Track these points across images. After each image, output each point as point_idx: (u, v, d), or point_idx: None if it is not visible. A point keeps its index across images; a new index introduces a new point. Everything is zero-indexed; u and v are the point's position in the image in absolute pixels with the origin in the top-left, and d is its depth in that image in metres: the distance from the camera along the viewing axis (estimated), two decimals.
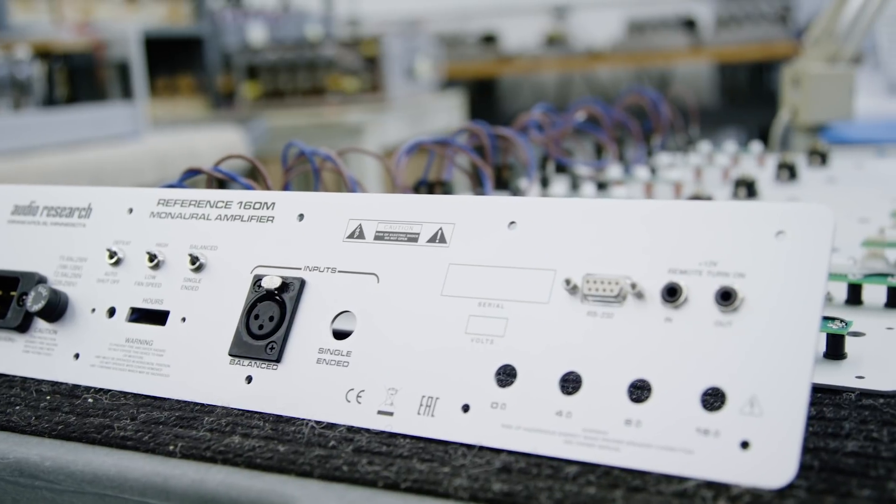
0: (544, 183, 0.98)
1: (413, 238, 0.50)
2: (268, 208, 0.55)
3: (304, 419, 0.49)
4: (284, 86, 3.09)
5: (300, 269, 0.52)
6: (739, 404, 0.40)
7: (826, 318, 0.53)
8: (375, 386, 0.48)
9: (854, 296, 0.63)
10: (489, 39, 4.69)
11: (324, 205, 0.53)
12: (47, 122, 1.92)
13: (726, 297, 0.42)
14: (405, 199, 0.51)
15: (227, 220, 0.56)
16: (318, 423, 0.48)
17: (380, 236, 0.51)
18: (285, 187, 0.80)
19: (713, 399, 0.41)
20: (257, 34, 3.37)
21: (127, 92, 2.14)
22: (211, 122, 2.74)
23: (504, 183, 0.97)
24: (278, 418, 0.49)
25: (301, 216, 0.54)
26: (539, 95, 4.85)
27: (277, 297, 0.52)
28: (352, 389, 0.48)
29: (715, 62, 4.50)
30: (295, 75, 3.08)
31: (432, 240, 0.49)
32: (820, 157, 1.14)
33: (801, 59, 1.39)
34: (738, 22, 4.23)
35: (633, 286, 0.44)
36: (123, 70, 2.14)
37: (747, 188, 0.90)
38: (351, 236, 0.52)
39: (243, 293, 0.53)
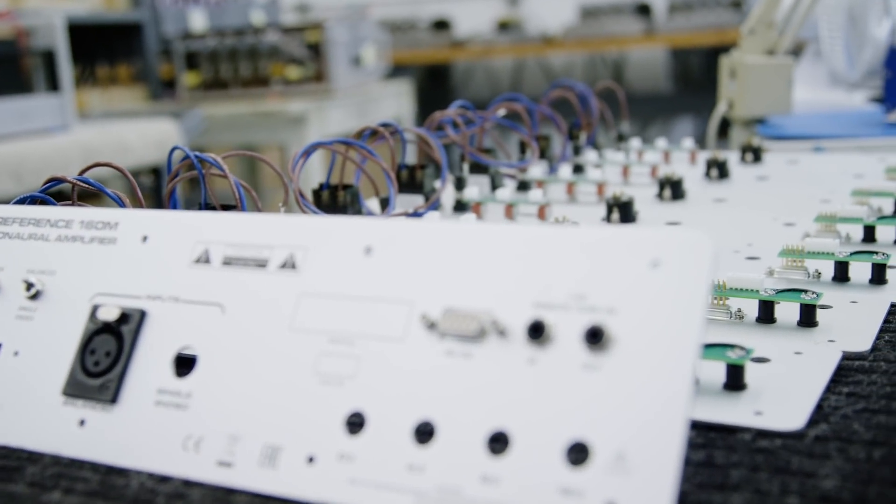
0: (459, 184, 0.93)
1: (262, 264, 0.45)
2: (110, 228, 0.49)
3: (137, 470, 0.43)
4: (226, 74, 3.01)
5: (141, 298, 0.47)
6: (606, 460, 0.35)
7: (725, 346, 0.48)
8: (215, 433, 0.42)
9: (766, 314, 0.58)
10: (441, 25, 4.63)
11: (169, 225, 0.48)
12: None
13: (595, 337, 0.37)
14: (256, 219, 0.46)
15: (68, 241, 0.50)
16: (151, 475, 0.43)
17: (228, 261, 0.46)
18: (171, 197, 0.75)
19: (578, 453, 0.36)
20: (198, 20, 3.29)
21: (54, 83, 2.06)
22: (146, 113, 2.66)
23: (419, 185, 0.91)
24: (110, 469, 0.44)
25: (145, 238, 0.48)
26: (493, 82, 4.80)
27: (115, 330, 0.46)
28: (190, 436, 0.43)
29: (668, 48, 4.48)
30: (236, 63, 3.00)
31: (283, 266, 0.44)
32: (753, 153, 1.10)
33: (738, 50, 1.35)
34: (691, 8, 4.21)
35: (495, 323, 0.39)
36: (51, 59, 2.06)
37: (620, 210, 0.83)
38: (198, 261, 0.46)
39: (81, 324, 0.48)
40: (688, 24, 4.16)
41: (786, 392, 0.47)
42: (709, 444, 0.43)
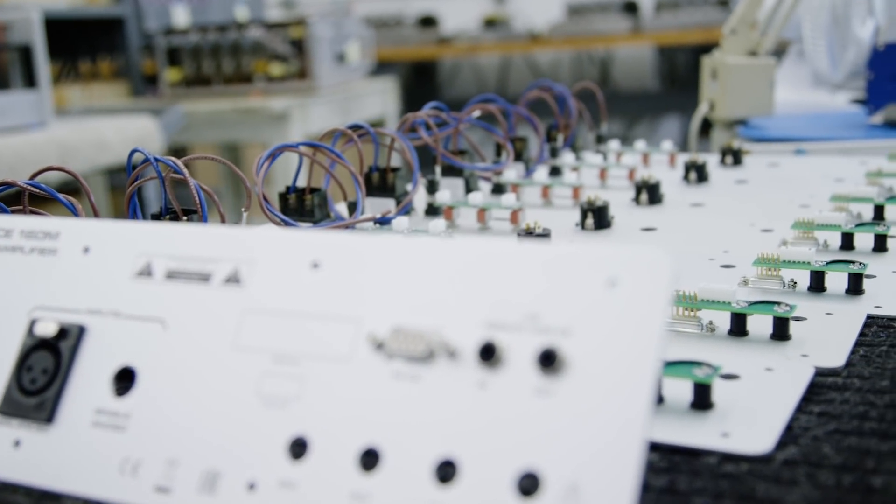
0: (431, 187, 0.90)
1: (205, 278, 0.42)
2: (51, 239, 0.47)
3: (72, 495, 0.41)
4: (208, 71, 2.98)
5: (81, 312, 0.44)
6: (558, 491, 0.33)
7: (692, 363, 0.46)
8: (154, 456, 0.40)
9: (738, 327, 0.56)
10: (428, 22, 4.60)
11: (111, 236, 0.46)
12: None
13: (548, 360, 0.35)
14: (200, 230, 0.44)
15: (7, 251, 0.48)
16: (87, 500, 0.41)
17: (171, 275, 0.43)
18: (130, 201, 0.72)
19: (530, 484, 0.34)
20: (181, 16, 3.26)
21: (31, 79, 2.03)
22: (128, 109, 2.63)
23: (390, 188, 0.89)
24: (45, 493, 0.42)
25: (86, 249, 0.46)
26: (479, 79, 4.78)
27: (53, 346, 0.44)
28: (128, 459, 0.41)
29: (655, 46, 4.46)
30: (219, 60, 2.97)
31: (227, 280, 0.42)
32: (733, 155, 1.08)
33: (719, 50, 1.33)
34: (678, 6, 4.19)
35: (445, 343, 0.37)
36: (28, 55, 2.03)
37: (595, 215, 0.81)
38: (140, 274, 0.44)
39: (18, 340, 0.45)
40: (674, 22, 4.14)
41: (755, 412, 0.45)
42: (672, 468, 0.41)
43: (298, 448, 0.38)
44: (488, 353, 0.36)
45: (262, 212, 0.72)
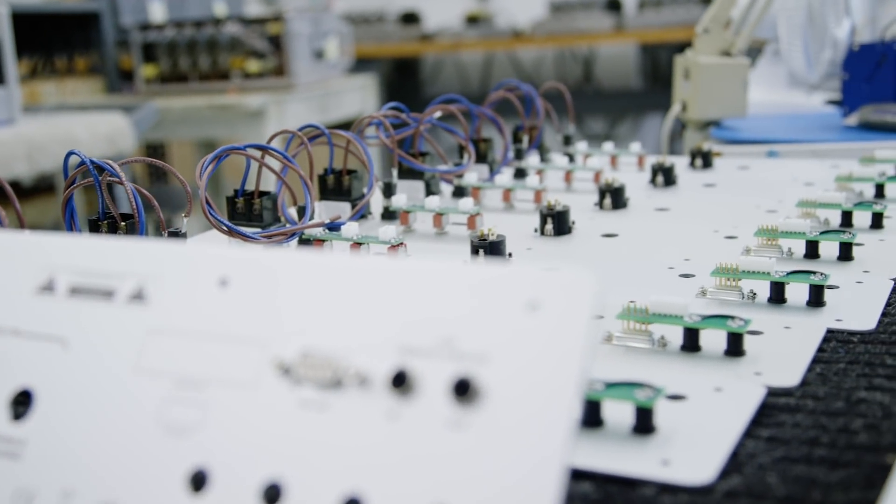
0: (388, 190, 0.88)
1: (109, 294, 0.40)
2: None
3: None
4: (185, 67, 2.94)
5: None
6: None
7: (633, 385, 0.44)
8: (49, 487, 0.37)
9: (690, 342, 0.54)
10: (410, 18, 4.57)
11: (13, 248, 0.43)
12: None
13: (463, 389, 0.32)
14: (106, 243, 0.41)
15: None
16: None
17: (74, 290, 0.40)
18: (67, 205, 0.69)
19: None
20: (158, 11, 3.22)
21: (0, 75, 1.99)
22: (102, 106, 2.59)
23: (346, 191, 0.87)
24: None
25: None
26: (462, 76, 4.75)
27: None
28: (22, 490, 0.38)
29: (638, 44, 4.44)
30: (195, 56, 2.93)
31: (131, 297, 0.39)
32: (703, 158, 1.06)
33: (692, 50, 1.30)
34: (661, 4, 4.17)
35: (355, 370, 0.34)
36: None
37: (555, 220, 0.79)
38: (42, 289, 0.41)
39: None
40: (657, 20, 4.12)
41: (699, 437, 0.43)
42: (607, 499, 0.39)
43: (198, 480, 0.35)
44: (400, 381, 0.33)
45: (205, 216, 0.70)
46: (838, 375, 0.50)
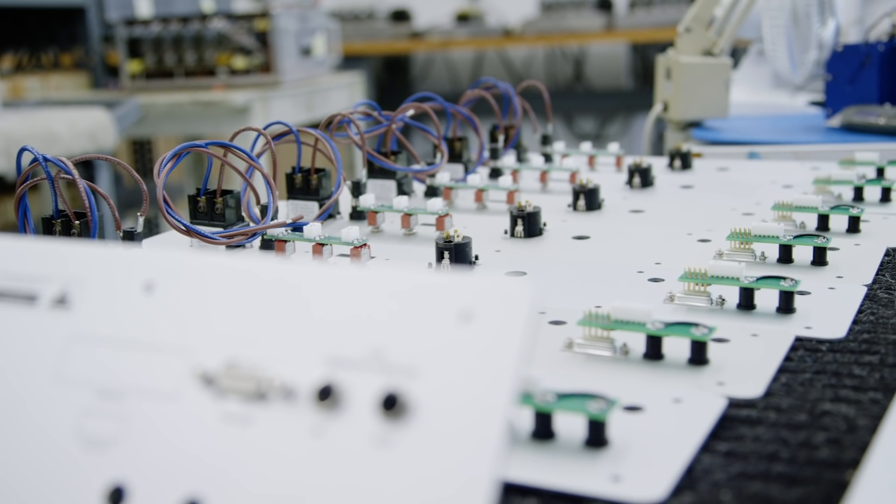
0: (356, 190, 0.86)
1: (32, 299, 0.38)
2: None
3: None
4: (170, 63, 2.91)
5: None
6: None
7: (586, 396, 0.42)
8: None
9: (653, 350, 0.52)
10: (400, 16, 4.55)
11: None
12: None
13: (391, 404, 0.30)
14: (32, 245, 0.39)
15: None
16: None
17: None
18: (21, 202, 0.67)
19: None
20: (145, 6, 3.19)
21: None
22: (87, 101, 2.56)
23: (314, 190, 0.85)
24: None
25: None
26: (453, 74, 4.74)
27: None
28: None
29: (629, 44, 4.42)
30: (181, 52, 2.91)
31: (55, 302, 0.37)
32: (682, 159, 1.04)
33: (673, 49, 1.29)
34: (652, 3, 4.15)
35: (280, 382, 0.32)
36: None
37: (525, 221, 0.77)
38: None
39: None
40: (648, 19, 4.11)
41: (653, 451, 0.41)
42: None
43: (116, 496, 0.33)
44: (326, 395, 0.31)
45: (163, 216, 0.68)
46: (804, 386, 0.48)
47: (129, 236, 0.66)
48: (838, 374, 0.50)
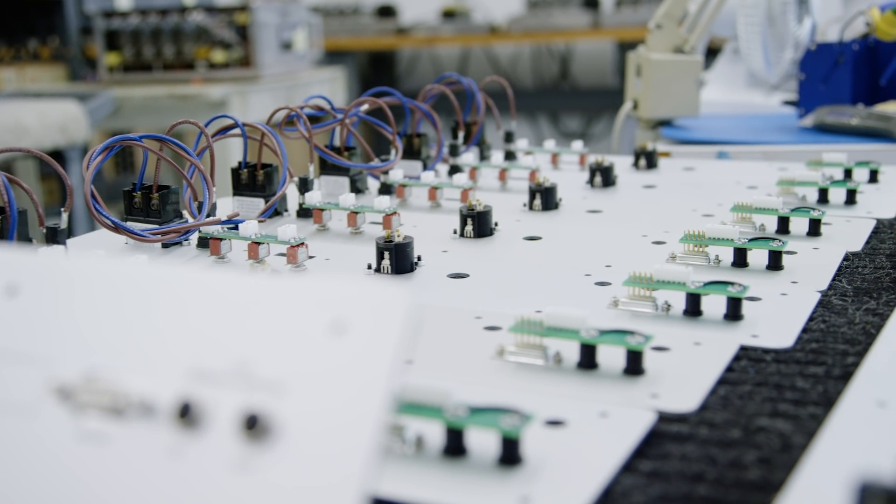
0: (304, 186, 0.83)
1: None
2: None
3: None
4: (149, 55, 2.88)
5: None
6: None
7: (499, 411, 0.39)
8: None
9: (587, 359, 0.49)
10: (386, 11, 4.51)
11: None
12: None
13: (253, 424, 0.27)
14: None
15: None
16: None
17: None
18: None
19: None
20: None
21: None
22: (56, 93, 2.52)
23: (261, 186, 0.82)
24: None
25: None
26: (439, 70, 4.70)
27: None
28: None
29: (615, 42, 4.40)
30: (160, 44, 2.87)
31: None
32: (647, 158, 1.01)
33: (644, 46, 1.26)
34: (638, 1, 4.13)
35: (138, 397, 0.29)
36: None
37: (476, 221, 0.73)
38: None
39: None
40: (634, 17, 4.08)
41: (570, 470, 0.38)
42: None
43: None
44: (186, 412, 0.28)
45: (90, 211, 0.65)
46: (742, 399, 0.46)
47: (52, 234, 0.63)
48: (780, 386, 0.47)
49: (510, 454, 0.39)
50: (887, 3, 1.18)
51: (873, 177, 0.92)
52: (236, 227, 0.68)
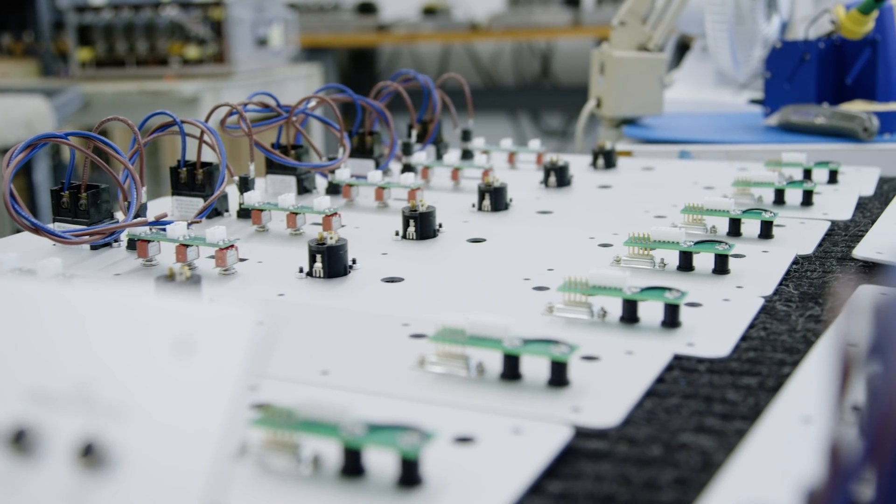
0: (244, 186, 0.80)
1: None
2: None
3: None
4: (121, 51, 2.84)
5: None
6: None
7: (397, 429, 0.37)
8: None
9: (510, 370, 0.47)
10: (367, 8, 4.48)
11: None
12: None
13: (90, 452, 0.25)
14: None
15: None
16: None
17: None
18: None
19: None
20: None
21: None
22: (23, 89, 2.49)
23: (200, 185, 0.79)
24: None
25: None
26: (419, 67, 4.67)
27: None
28: None
29: (596, 40, 4.38)
30: (133, 40, 2.84)
31: None
32: (605, 157, 0.99)
33: (607, 43, 1.24)
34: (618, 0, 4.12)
35: None
36: None
37: (418, 222, 0.71)
38: None
39: None
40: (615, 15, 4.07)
41: (474, 492, 0.36)
42: None
43: None
44: (20, 439, 0.26)
45: (8, 211, 0.62)
46: (668, 413, 0.44)
47: None
48: (710, 398, 0.45)
49: (409, 475, 0.36)
50: (853, 2, 1.16)
51: (832, 177, 0.90)
52: (162, 228, 0.66)
